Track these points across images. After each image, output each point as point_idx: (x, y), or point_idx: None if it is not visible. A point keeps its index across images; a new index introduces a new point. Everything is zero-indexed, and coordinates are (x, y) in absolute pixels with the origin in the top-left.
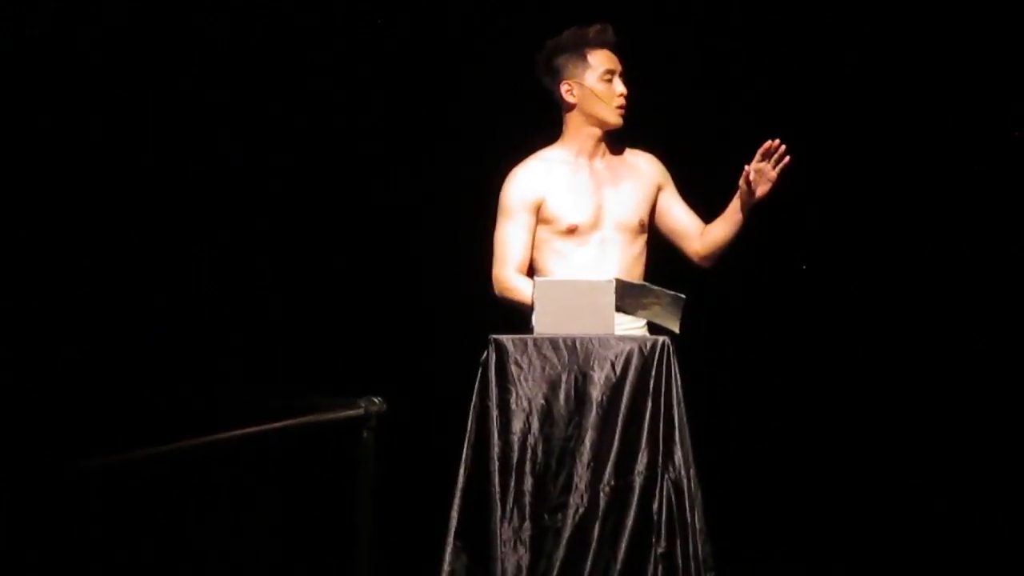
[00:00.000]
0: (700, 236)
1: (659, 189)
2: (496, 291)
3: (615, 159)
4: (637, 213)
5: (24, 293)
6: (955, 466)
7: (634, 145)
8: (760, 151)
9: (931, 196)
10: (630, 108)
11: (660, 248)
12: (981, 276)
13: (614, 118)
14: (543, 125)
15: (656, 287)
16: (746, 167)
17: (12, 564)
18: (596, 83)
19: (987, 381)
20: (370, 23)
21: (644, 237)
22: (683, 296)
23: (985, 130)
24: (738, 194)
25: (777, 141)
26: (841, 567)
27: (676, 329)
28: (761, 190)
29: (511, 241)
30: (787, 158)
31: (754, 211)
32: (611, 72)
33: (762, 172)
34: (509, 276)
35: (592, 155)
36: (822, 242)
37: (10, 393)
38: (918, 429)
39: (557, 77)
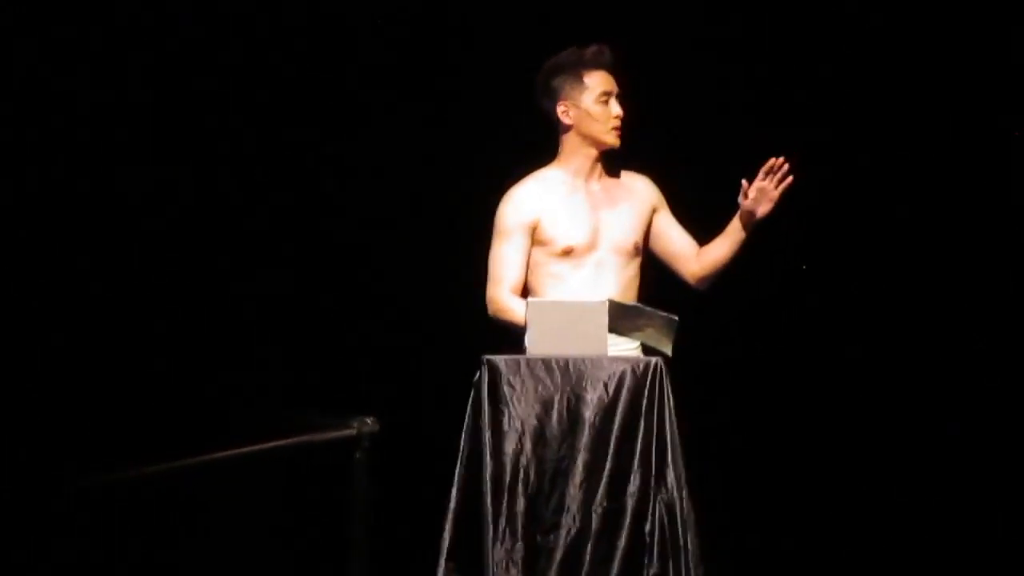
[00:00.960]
0: (697, 257)
1: (654, 211)
2: (490, 311)
3: (611, 181)
4: (633, 236)
5: (24, 307)
6: (963, 485)
7: (629, 167)
8: (763, 169)
9: (931, 196)
10: (626, 129)
11: (653, 271)
12: (981, 276)
13: (610, 139)
14: (540, 145)
15: (649, 309)
16: (744, 183)
17: None
18: (592, 104)
19: (990, 382)
20: (368, 29)
21: (638, 260)
22: (676, 318)
23: (985, 130)
24: (738, 214)
25: (781, 159)
26: None
27: (669, 351)
28: (763, 209)
29: (506, 261)
30: (790, 178)
31: (755, 231)
32: (607, 94)
33: (764, 191)
34: (503, 296)
35: (589, 176)
36: (820, 251)
37: (11, 410)
38: (921, 444)
39: (554, 98)
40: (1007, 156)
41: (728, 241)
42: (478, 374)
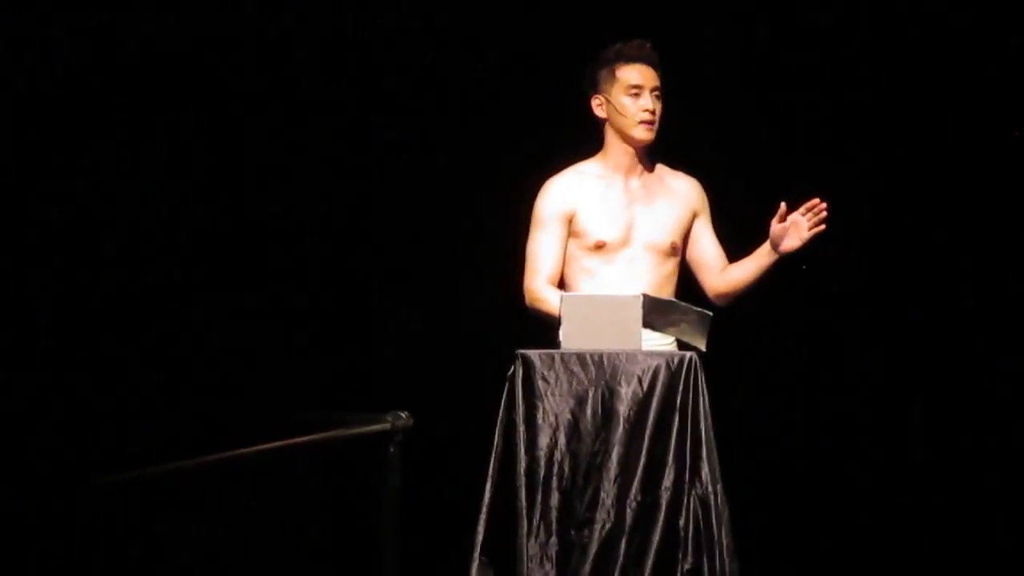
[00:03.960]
0: (722, 273)
1: (695, 216)
2: (526, 301)
3: (652, 178)
4: (669, 235)
5: (51, 305)
6: (989, 481)
7: (677, 166)
8: (805, 206)
9: (931, 196)
10: (672, 127)
11: (690, 270)
12: (982, 276)
13: (639, 133)
14: (578, 138)
15: (684, 304)
16: (783, 205)
17: None
18: (621, 98)
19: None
20: (404, 27)
21: (675, 260)
22: (710, 314)
23: (985, 130)
24: (769, 240)
25: (824, 204)
26: None
27: (703, 347)
28: (788, 243)
29: (543, 252)
30: (823, 226)
31: (779, 263)
32: (639, 88)
33: (798, 226)
34: (540, 287)
35: (628, 172)
36: (831, 250)
37: (43, 406)
38: (950, 440)
39: (592, 91)
40: (1007, 156)
41: (753, 265)
42: (512, 368)
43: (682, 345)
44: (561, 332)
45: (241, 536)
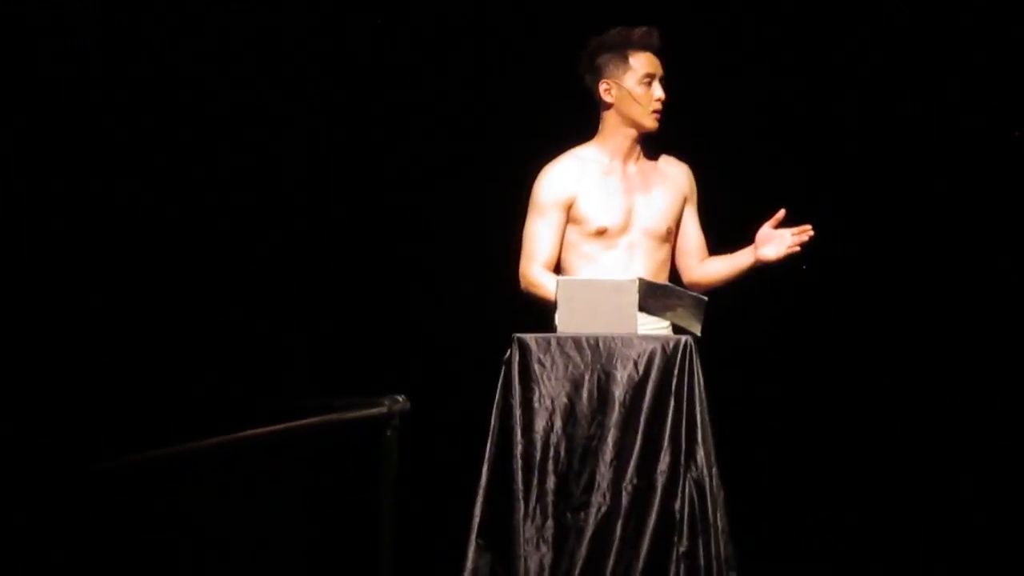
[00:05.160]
0: (700, 263)
1: (684, 201)
2: (522, 286)
3: (648, 164)
4: (666, 220)
5: (39, 296)
6: (975, 461)
7: (670, 152)
8: (798, 228)
9: (931, 196)
10: (669, 113)
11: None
12: (982, 277)
13: (649, 122)
14: (576, 123)
15: (679, 288)
16: (783, 211)
17: (36, 567)
18: (635, 86)
19: (993, 382)
20: (398, 16)
21: (669, 245)
22: (705, 298)
23: (985, 130)
24: (753, 246)
25: (811, 232)
26: (863, 567)
27: (698, 332)
28: (766, 251)
29: (540, 237)
30: (798, 248)
31: (753, 270)
32: (651, 76)
33: (782, 239)
34: (536, 272)
35: (626, 158)
36: (830, 245)
37: (21, 396)
38: (941, 426)
39: (597, 75)
40: (1008, 156)
41: (732, 262)
42: (508, 352)
43: (677, 329)
44: (557, 316)
45: (237, 521)
